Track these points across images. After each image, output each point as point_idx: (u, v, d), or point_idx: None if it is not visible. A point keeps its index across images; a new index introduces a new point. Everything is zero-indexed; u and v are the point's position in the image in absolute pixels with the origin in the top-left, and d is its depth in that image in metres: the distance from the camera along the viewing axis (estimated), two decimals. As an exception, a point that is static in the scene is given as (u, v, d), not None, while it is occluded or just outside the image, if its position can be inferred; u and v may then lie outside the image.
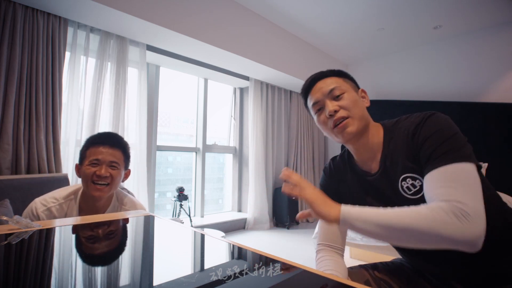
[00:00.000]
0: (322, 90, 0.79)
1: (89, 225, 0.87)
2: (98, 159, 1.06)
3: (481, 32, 3.50)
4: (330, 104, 0.77)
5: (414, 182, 0.69)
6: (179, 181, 3.73)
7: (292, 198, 0.65)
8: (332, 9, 3.14)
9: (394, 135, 0.75)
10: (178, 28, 2.51)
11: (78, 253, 0.65)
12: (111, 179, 1.07)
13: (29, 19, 2.02)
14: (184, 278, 0.51)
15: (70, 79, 2.26)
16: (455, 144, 0.63)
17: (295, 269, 0.53)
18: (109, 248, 0.70)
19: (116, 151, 1.10)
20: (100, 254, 0.67)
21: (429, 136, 0.66)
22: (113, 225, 0.89)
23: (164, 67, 3.24)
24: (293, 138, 4.27)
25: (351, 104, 0.76)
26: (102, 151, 1.07)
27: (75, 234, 0.79)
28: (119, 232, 0.85)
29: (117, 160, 1.09)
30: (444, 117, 0.69)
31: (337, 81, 0.80)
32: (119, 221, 0.93)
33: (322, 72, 0.84)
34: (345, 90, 0.78)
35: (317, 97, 0.80)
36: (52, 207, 1.05)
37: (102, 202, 1.12)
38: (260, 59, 3.25)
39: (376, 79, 4.43)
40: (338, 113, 0.76)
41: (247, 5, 3.09)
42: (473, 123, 3.16)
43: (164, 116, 3.53)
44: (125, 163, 1.15)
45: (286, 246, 3.03)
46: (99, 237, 0.79)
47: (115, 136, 1.16)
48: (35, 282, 0.49)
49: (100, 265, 0.60)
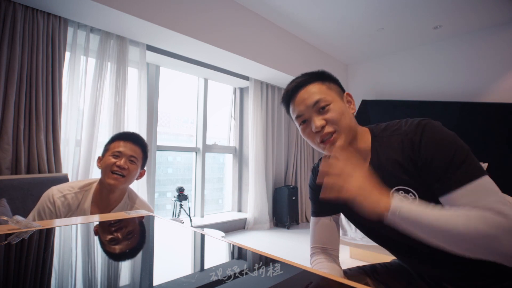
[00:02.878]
0: (305, 102, 0.74)
1: (89, 225, 0.87)
2: (120, 151, 1.15)
3: (481, 32, 3.50)
4: (316, 119, 0.72)
5: (406, 195, 0.67)
6: (179, 181, 3.73)
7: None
8: (332, 9, 3.14)
9: (384, 143, 0.72)
10: (178, 28, 2.51)
11: (78, 253, 0.65)
12: (128, 172, 1.15)
13: (29, 19, 2.02)
14: (184, 278, 0.51)
15: (70, 79, 2.26)
16: (468, 158, 0.61)
17: (295, 269, 0.53)
18: (109, 248, 0.70)
19: (137, 148, 1.20)
20: (100, 254, 0.67)
21: (434, 153, 0.62)
22: (113, 225, 0.89)
23: (164, 67, 3.24)
24: (293, 138, 4.27)
25: (337, 116, 0.71)
26: (125, 145, 1.17)
27: (75, 234, 0.79)
28: (119, 232, 0.85)
29: (136, 156, 1.18)
30: (439, 126, 0.66)
31: (320, 89, 0.74)
32: (119, 221, 0.93)
33: (304, 77, 0.77)
34: (330, 101, 0.73)
35: (300, 110, 0.75)
36: (68, 194, 1.13)
37: (115, 195, 1.18)
38: (260, 59, 3.25)
39: (376, 79, 4.43)
40: (325, 128, 0.72)
41: (247, 5, 3.09)
42: (473, 123, 3.16)
43: (164, 116, 3.53)
44: (143, 162, 1.24)
45: (286, 246, 3.03)
46: (99, 237, 0.79)
47: (139, 136, 1.26)
48: (35, 282, 0.49)
49: (100, 265, 0.60)
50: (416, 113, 3.61)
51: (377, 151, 0.72)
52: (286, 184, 4.19)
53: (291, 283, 0.49)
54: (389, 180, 0.69)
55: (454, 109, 3.35)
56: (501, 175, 2.79)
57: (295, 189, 3.97)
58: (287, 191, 3.83)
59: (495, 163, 2.86)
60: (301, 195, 4.21)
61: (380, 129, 0.75)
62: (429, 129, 0.65)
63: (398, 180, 0.68)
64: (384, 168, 0.70)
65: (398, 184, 0.68)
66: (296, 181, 4.26)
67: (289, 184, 4.16)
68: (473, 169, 0.59)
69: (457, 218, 0.54)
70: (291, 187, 3.93)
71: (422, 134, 0.65)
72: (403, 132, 0.69)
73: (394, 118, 0.79)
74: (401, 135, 0.69)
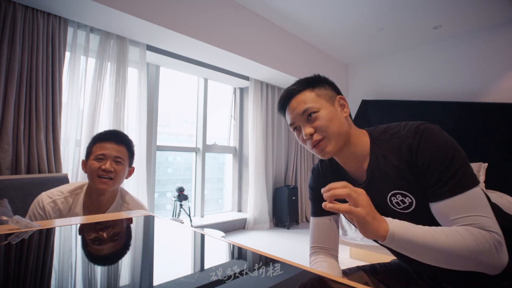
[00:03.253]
0: (295, 111, 0.77)
1: (89, 225, 0.87)
2: (103, 154, 1.10)
3: (481, 32, 3.50)
4: (306, 127, 0.75)
5: (403, 199, 0.68)
6: (179, 181, 3.73)
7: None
8: (332, 9, 3.14)
9: (383, 146, 0.72)
10: (178, 28, 2.51)
11: (78, 253, 0.65)
12: (115, 174, 1.11)
13: (29, 19, 2.02)
14: (184, 278, 0.51)
15: (70, 79, 2.26)
16: (462, 167, 0.62)
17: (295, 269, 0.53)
18: (109, 248, 0.70)
19: (121, 147, 1.15)
20: (100, 254, 0.67)
21: (431, 159, 0.63)
22: (113, 225, 0.89)
23: (164, 67, 3.24)
24: (293, 138, 4.27)
25: (325, 123, 0.73)
26: (108, 146, 1.12)
27: (75, 234, 0.79)
28: (119, 232, 0.85)
29: (122, 156, 1.14)
30: (438, 131, 0.66)
31: (310, 97, 0.76)
32: (119, 221, 0.93)
33: (295, 85, 0.80)
34: (318, 108, 0.74)
35: (291, 118, 0.79)
36: (58, 199, 1.10)
37: (106, 197, 1.15)
38: (260, 59, 3.25)
39: (376, 79, 4.43)
40: (313, 135, 0.74)
41: (247, 5, 3.09)
42: (473, 123, 3.16)
43: (164, 116, 3.53)
44: (130, 160, 1.19)
45: (286, 246, 3.03)
46: (99, 237, 0.79)
47: (120, 133, 1.20)
48: (35, 282, 0.49)
49: (100, 265, 0.60)
50: (416, 113, 3.61)
51: (376, 155, 0.73)
52: (286, 184, 4.19)
53: (291, 283, 0.49)
54: (387, 184, 0.70)
55: (454, 109, 3.35)
56: (501, 175, 2.81)
57: (295, 189, 3.97)
58: (287, 191, 3.84)
59: (495, 163, 2.86)
60: (301, 195, 4.21)
61: (378, 132, 0.75)
62: (427, 134, 0.66)
63: (396, 184, 0.69)
64: (382, 171, 0.71)
65: (396, 188, 0.69)
66: (296, 181, 4.26)
67: (289, 184, 4.16)
68: (467, 179, 0.61)
69: (450, 238, 0.57)
70: (291, 187, 3.93)
71: (420, 139, 0.65)
72: (401, 136, 0.69)
73: (394, 118, 0.79)
74: (400, 139, 0.69)
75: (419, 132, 0.66)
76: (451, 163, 0.62)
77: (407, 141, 0.67)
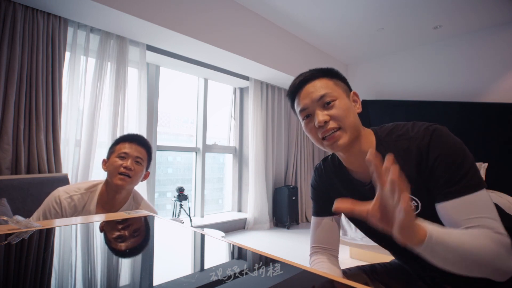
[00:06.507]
0: (311, 95, 0.72)
1: (89, 225, 0.87)
2: (126, 152, 1.18)
3: (481, 32, 3.50)
4: (320, 113, 0.70)
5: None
6: (179, 181, 3.73)
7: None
8: (332, 9, 3.14)
9: (390, 147, 0.70)
10: (178, 28, 2.51)
11: (78, 253, 0.65)
12: (134, 173, 1.17)
13: (29, 19, 2.02)
14: (184, 278, 0.51)
15: (70, 79, 2.26)
16: (472, 168, 0.61)
17: (295, 269, 0.53)
18: (109, 248, 0.70)
19: (142, 149, 1.22)
20: (100, 254, 0.67)
21: (442, 159, 0.62)
22: (113, 225, 0.89)
23: (164, 67, 3.24)
24: (293, 138, 4.27)
25: (343, 113, 0.70)
26: (131, 146, 1.20)
27: (75, 234, 0.79)
28: (119, 232, 0.85)
29: (142, 157, 1.21)
30: (447, 132, 0.65)
31: (327, 84, 0.73)
32: (119, 221, 0.93)
33: (311, 72, 0.76)
34: (336, 97, 0.71)
35: (305, 103, 0.73)
36: (74, 195, 1.14)
37: (121, 196, 1.20)
38: (260, 59, 3.25)
39: (376, 79, 4.43)
40: (328, 124, 0.70)
41: (247, 5, 3.09)
42: (473, 123, 3.16)
43: (164, 116, 3.53)
44: (147, 163, 1.26)
45: (286, 246, 3.03)
46: (99, 237, 0.79)
47: (143, 137, 1.28)
48: (35, 282, 0.49)
49: (100, 265, 0.60)
50: (416, 113, 3.61)
51: (382, 156, 0.72)
52: (286, 184, 4.19)
53: (291, 283, 0.49)
54: None
55: (454, 109, 3.35)
56: (501, 175, 2.81)
57: (295, 189, 3.97)
58: (287, 191, 3.83)
59: (495, 163, 2.86)
60: (301, 195, 4.21)
61: (385, 133, 0.73)
62: (437, 135, 0.64)
63: None
64: None
65: None
66: (296, 181, 4.26)
67: (289, 184, 4.16)
68: (476, 181, 0.60)
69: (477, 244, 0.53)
70: (291, 187, 3.93)
71: (430, 140, 0.64)
72: (410, 137, 0.68)
73: (394, 118, 0.77)
74: (408, 140, 0.68)
75: (428, 133, 0.65)
76: (462, 163, 0.61)
77: (416, 143, 0.66)
